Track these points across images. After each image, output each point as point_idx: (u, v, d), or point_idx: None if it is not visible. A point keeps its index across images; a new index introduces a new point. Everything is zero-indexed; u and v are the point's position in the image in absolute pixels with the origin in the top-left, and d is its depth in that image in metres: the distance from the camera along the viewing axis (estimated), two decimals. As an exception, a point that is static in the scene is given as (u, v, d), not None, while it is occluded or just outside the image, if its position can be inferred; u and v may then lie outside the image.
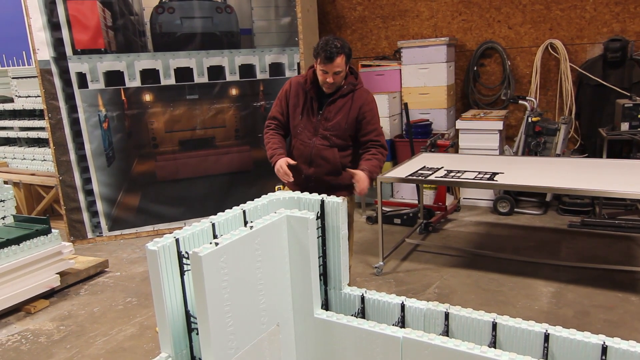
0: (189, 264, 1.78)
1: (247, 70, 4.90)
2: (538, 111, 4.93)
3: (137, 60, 4.63)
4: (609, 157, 4.53)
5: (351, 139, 2.84)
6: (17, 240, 3.37)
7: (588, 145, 5.14)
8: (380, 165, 2.79)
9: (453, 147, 4.93)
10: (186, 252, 1.80)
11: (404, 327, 1.98)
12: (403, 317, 2.09)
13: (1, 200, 3.66)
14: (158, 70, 4.69)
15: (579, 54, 5.12)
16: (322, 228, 2.17)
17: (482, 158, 4.09)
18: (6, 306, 3.29)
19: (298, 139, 2.83)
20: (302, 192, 2.27)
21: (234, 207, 2.08)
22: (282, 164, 2.67)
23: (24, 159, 5.85)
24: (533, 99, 4.96)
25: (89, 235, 4.74)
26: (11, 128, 5.95)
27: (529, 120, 4.80)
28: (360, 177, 2.63)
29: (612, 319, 2.88)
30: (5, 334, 3.13)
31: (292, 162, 2.71)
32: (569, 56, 5.10)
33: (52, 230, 3.60)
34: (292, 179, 2.70)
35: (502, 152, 5.03)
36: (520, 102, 4.91)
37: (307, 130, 2.80)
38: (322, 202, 2.15)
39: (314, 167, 2.79)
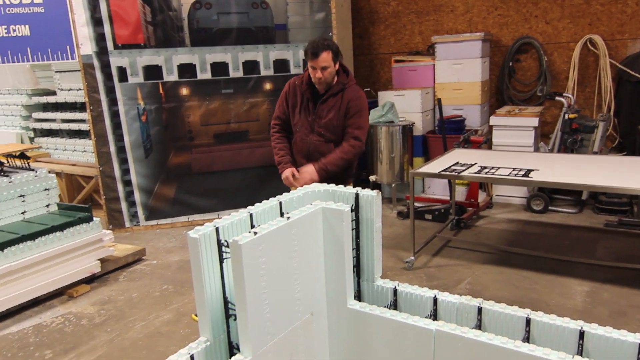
0: (228, 252, 1.85)
1: (281, 65, 4.96)
2: (575, 108, 4.83)
3: (175, 54, 4.74)
4: (649, 155, 4.41)
5: (344, 134, 3.05)
6: (60, 227, 3.52)
7: (627, 143, 5.01)
8: (344, 157, 2.95)
9: (486, 143, 4.88)
10: (225, 241, 1.86)
11: (436, 320, 2.00)
12: (435, 310, 2.11)
13: (46, 189, 3.81)
14: (195, 65, 4.80)
15: (619, 49, 4.98)
16: (356, 220, 2.20)
17: (516, 155, 4.05)
18: (51, 290, 3.44)
19: (297, 136, 3.11)
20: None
21: (271, 199, 2.14)
22: (288, 175, 2.98)
23: (65, 149, 6.07)
24: (570, 96, 4.87)
25: (127, 224, 4.90)
26: (53, 120, 6.18)
27: (566, 117, 4.71)
28: (303, 170, 2.90)
29: (649, 320, 2.83)
30: (50, 316, 3.28)
31: (297, 174, 2.97)
32: (609, 52, 4.97)
33: (94, 218, 3.74)
34: (295, 187, 2.88)
35: (536, 150, 4.96)
36: (556, 98, 4.82)
37: (304, 128, 3.05)
38: (357, 195, 2.18)
39: (311, 161, 3.02)
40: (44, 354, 2.82)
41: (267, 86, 4.99)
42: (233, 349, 1.96)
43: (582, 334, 1.78)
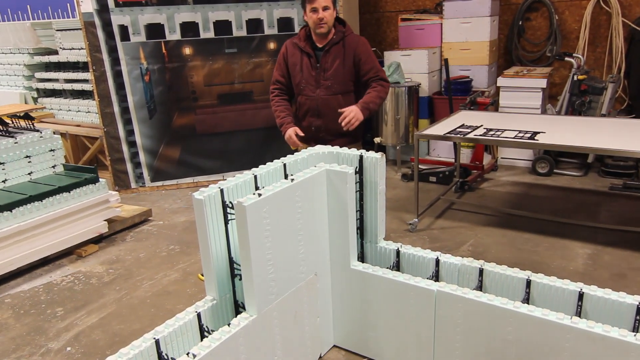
0: (233, 213, 1.87)
1: (285, 23, 4.86)
2: (585, 69, 4.74)
3: (177, 12, 4.65)
4: (658, 118, 4.36)
5: (352, 83, 3.00)
6: (67, 188, 3.55)
7: (636, 105, 4.93)
8: (381, 96, 2.93)
9: (493, 105, 4.82)
10: (230, 202, 1.88)
11: (438, 282, 2.03)
12: (437, 271, 2.14)
13: (51, 150, 3.83)
14: (197, 24, 4.71)
15: (632, 7, 4.84)
16: (360, 183, 2.21)
17: (522, 117, 4.00)
18: (60, 249, 3.51)
19: (302, 95, 3.02)
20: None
21: (275, 160, 2.14)
22: (291, 134, 2.91)
23: (69, 110, 6.04)
24: (580, 56, 4.77)
25: (133, 185, 4.94)
26: (56, 80, 6.13)
27: (575, 78, 4.62)
28: (349, 109, 2.80)
29: (649, 282, 2.86)
30: (60, 274, 3.35)
31: (300, 133, 2.92)
32: (622, 10, 4.83)
33: (100, 179, 3.77)
34: (299, 145, 2.91)
35: (544, 112, 4.90)
36: (566, 59, 4.73)
37: (309, 85, 2.97)
38: (361, 157, 2.18)
39: (322, 117, 2.98)
40: (55, 311, 2.90)
41: (271, 45, 4.90)
42: (239, 307, 2.01)
43: (581, 296, 1.81)
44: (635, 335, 1.53)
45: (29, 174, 3.73)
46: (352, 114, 2.79)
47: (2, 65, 6.58)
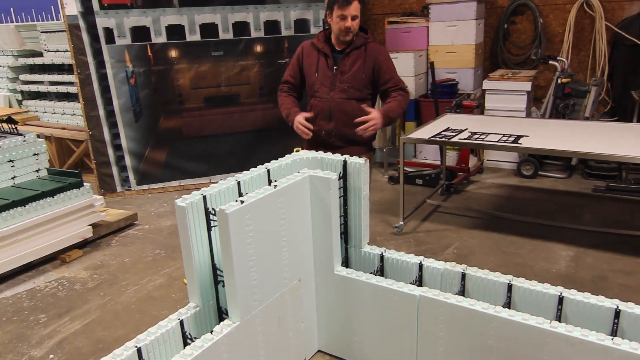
0: (216, 220, 1.86)
1: (272, 26, 4.86)
2: (569, 72, 4.80)
3: (163, 15, 4.63)
4: (639, 121, 4.42)
5: (368, 90, 2.93)
6: (51, 193, 3.52)
7: (619, 108, 5.00)
8: (402, 105, 2.89)
9: (479, 108, 4.86)
10: (213, 209, 1.87)
11: (421, 286, 2.04)
12: (421, 276, 2.16)
13: (35, 154, 3.79)
14: (183, 26, 4.69)
15: (615, 11, 4.91)
16: (344, 188, 2.22)
17: (507, 120, 4.04)
18: (43, 255, 3.47)
19: (316, 97, 2.93)
20: (324, 149, 2.37)
21: (259, 166, 2.14)
22: (300, 120, 2.82)
23: (54, 112, 5.99)
24: (564, 59, 4.82)
25: (118, 189, 4.90)
26: (41, 82, 6.07)
27: (559, 81, 4.68)
28: (373, 115, 2.74)
29: (630, 284, 2.90)
30: (43, 280, 3.32)
31: (308, 114, 2.83)
32: (605, 14, 4.90)
33: (84, 183, 3.74)
34: (311, 134, 2.83)
35: (529, 114, 4.95)
36: (550, 62, 4.78)
37: (324, 86, 2.89)
38: (345, 162, 2.19)
39: (334, 121, 2.89)
40: (38, 318, 2.87)
41: (258, 48, 4.90)
42: (222, 314, 2.01)
43: (561, 300, 1.84)
44: (612, 339, 1.56)
45: (12, 178, 3.69)
46: (372, 121, 2.73)
47: (-14, 68, 6.50)
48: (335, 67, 2.86)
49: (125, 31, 4.59)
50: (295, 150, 2.34)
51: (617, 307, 1.74)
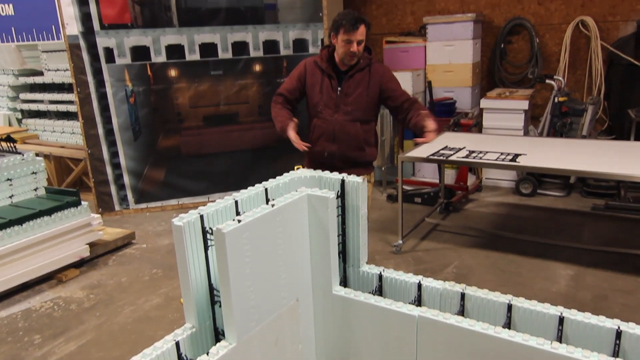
0: (212, 240, 1.85)
1: (271, 46, 4.90)
2: (565, 91, 4.83)
3: (163, 35, 4.67)
4: (637, 139, 4.44)
5: (373, 112, 2.91)
6: (48, 212, 3.50)
7: (616, 126, 5.03)
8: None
9: (476, 126, 4.88)
10: (210, 228, 1.86)
11: (420, 306, 2.02)
12: (420, 296, 2.13)
13: (33, 173, 3.78)
14: (183, 46, 4.73)
15: (610, 31, 4.97)
16: (342, 207, 2.21)
17: (505, 138, 4.05)
18: (39, 274, 3.44)
19: (319, 118, 2.88)
20: (326, 170, 2.34)
21: (257, 185, 2.13)
22: (293, 138, 2.77)
23: (54, 131, 6.01)
24: (561, 78, 4.86)
25: (116, 207, 4.89)
26: (41, 101, 6.10)
27: (556, 100, 4.71)
28: (430, 126, 2.71)
29: (631, 303, 2.88)
30: (39, 300, 3.29)
31: (295, 120, 2.80)
32: (601, 34, 4.96)
33: (82, 202, 3.73)
34: (305, 148, 2.79)
35: (526, 133, 4.97)
36: (547, 81, 4.82)
37: (328, 108, 2.85)
38: (343, 181, 2.18)
39: (337, 143, 2.85)
40: (33, 339, 2.83)
41: (257, 67, 4.94)
42: (219, 335, 1.98)
43: (561, 320, 1.81)
44: (614, 360, 1.53)
45: (10, 197, 3.68)
46: (433, 133, 2.72)
47: (-14, 87, 6.54)
48: (339, 89, 2.83)
49: (125, 51, 4.62)
50: (295, 168, 2.34)
51: (619, 327, 1.72)
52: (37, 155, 3.89)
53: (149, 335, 2.80)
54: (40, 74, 6.21)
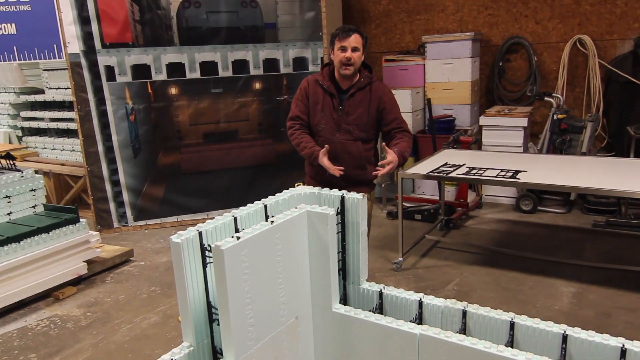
0: (211, 257, 1.83)
1: (271, 64, 4.94)
2: (564, 108, 4.85)
3: (164, 54, 4.71)
4: (636, 156, 4.44)
5: (373, 131, 2.89)
6: (46, 229, 3.48)
7: (615, 143, 5.04)
8: (410, 146, 2.83)
9: (476, 143, 4.89)
10: (209, 245, 1.84)
11: (421, 324, 2.00)
12: (421, 313, 2.11)
13: (32, 190, 3.77)
14: (184, 64, 4.76)
15: (608, 49, 5.01)
16: (342, 224, 2.19)
17: (505, 155, 4.06)
18: (36, 292, 3.41)
19: (320, 137, 2.87)
20: (330, 189, 2.32)
21: (256, 202, 2.12)
22: (324, 161, 2.72)
23: (54, 149, 6.02)
24: (559, 96, 4.88)
25: (115, 224, 4.86)
26: (42, 119, 6.12)
27: (555, 117, 4.72)
28: (393, 158, 2.65)
29: (635, 321, 2.85)
30: (35, 318, 3.25)
31: (326, 150, 2.74)
32: (598, 52, 5.00)
33: (80, 219, 3.71)
34: (340, 173, 2.74)
35: (526, 150, 4.97)
36: (546, 98, 4.84)
37: (329, 127, 2.84)
38: (342, 198, 2.17)
39: (339, 162, 2.82)
40: (28, 358, 2.79)
41: (257, 85, 4.96)
42: (217, 354, 1.95)
43: (565, 338, 1.79)
44: (619, 379, 1.51)
45: (9, 214, 3.66)
46: (391, 165, 2.65)
47: (-12, 105, 6.57)
48: (340, 108, 2.82)
49: (126, 69, 4.65)
50: (295, 185, 2.33)
51: (623, 345, 1.69)
52: (36, 172, 3.89)
53: (146, 354, 2.76)
54: (42, 92, 6.25)
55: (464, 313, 1.99)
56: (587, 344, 1.75)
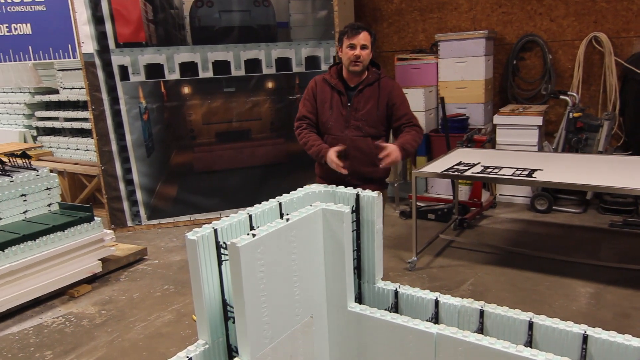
0: (226, 254, 1.83)
1: (283, 63, 4.93)
2: (580, 106, 4.79)
3: (177, 53, 4.72)
4: (654, 155, 4.37)
5: (383, 127, 2.88)
6: (61, 227, 3.51)
7: (632, 142, 4.96)
8: (416, 140, 2.80)
9: (490, 142, 4.85)
10: (224, 243, 1.84)
11: (437, 323, 1.97)
12: (437, 313, 2.08)
13: (47, 189, 3.81)
14: (197, 64, 4.78)
15: (624, 47, 4.93)
16: (357, 222, 2.18)
17: (520, 154, 4.01)
18: (52, 290, 3.44)
19: (330, 135, 2.86)
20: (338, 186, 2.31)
21: (270, 200, 2.11)
22: (333, 158, 2.70)
23: (68, 148, 6.07)
24: (575, 94, 4.82)
25: (129, 223, 4.89)
26: (56, 118, 6.18)
27: (570, 115, 4.66)
28: (391, 149, 2.64)
29: (654, 322, 2.80)
30: (51, 316, 3.27)
31: (339, 148, 2.73)
32: (614, 50, 4.92)
33: (95, 218, 3.73)
34: (346, 171, 2.73)
35: (541, 149, 4.92)
36: (561, 97, 4.78)
37: (338, 124, 2.84)
38: (357, 196, 2.16)
39: (349, 159, 2.82)
40: (44, 355, 2.81)
41: (269, 85, 4.96)
42: (232, 352, 1.94)
43: (585, 339, 1.76)
44: (643, 381, 1.48)
45: (24, 212, 3.70)
46: (392, 155, 2.63)
47: (3, 105, 6.65)
48: (349, 105, 2.81)
49: (140, 68, 4.68)
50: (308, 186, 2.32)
51: (645, 346, 1.66)
52: (51, 171, 3.92)
53: (161, 352, 2.77)
54: (56, 92, 6.30)
55: (481, 313, 1.97)
56: (608, 344, 1.72)
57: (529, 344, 1.87)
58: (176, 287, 3.58)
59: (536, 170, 3.37)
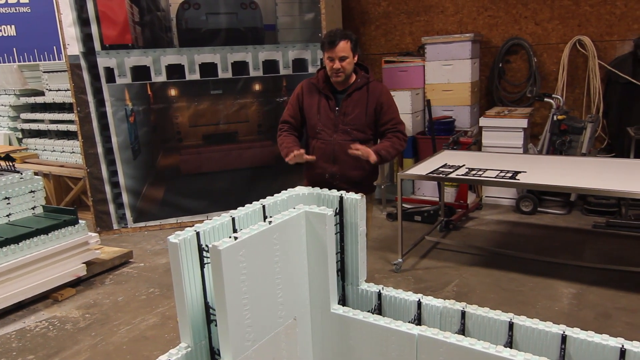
0: (209, 257, 1.82)
1: (270, 65, 4.94)
2: (564, 109, 4.84)
3: (163, 55, 4.71)
4: (636, 157, 4.43)
5: (371, 131, 2.87)
6: (45, 230, 3.48)
7: (615, 144, 5.03)
8: (396, 147, 2.79)
9: (476, 144, 4.88)
10: (206, 246, 1.84)
11: (420, 325, 1.99)
12: (419, 314, 2.10)
13: (32, 191, 3.77)
14: (183, 66, 4.76)
15: (608, 50, 5.00)
16: (341, 224, 2.19)
17: (504, 156, 4.05)
18: (35, 293, 3.40)
19: (318, 139, 2.84)
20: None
21: (254, 202, 2.11)
22: (295, 152, 2.71)
23: (54, 150, 6.01)
24: (559, 97, 4.88)
25: (115, 226, 4.86)
26: (42, 121, 6.12)
27: (555, 118, 4.72)
28: (364, 149, 2.66)
29: (635, 321, 2.83)
30: (34, 320, 3.24)
31: (309, 158, 2.74)
32: (598, 53, 4.99)
33: (79, 221, 3.70)
34: (302, 152, 2.72)
35: (526, 151, 4.97)
36: (546, 99, 4.83)
37: (326, 128, 2.82)
38: (341, 198, 2.16)
39: (338, 164, 2.81)
40: (26, 359, 2.78)
41: (256, 87, 4.96)
42: (215, 354, 1.94)
43: (564, 339, 1.78)
44: (619, 380, 1.50)
45: (8, 215, 3.66)
46: (364, 151, 2.65)
47: (-12, 107, 6.57)
48: (337, 109, 2.79)
49: (126, 70, 4.65)
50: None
51: (622, 346, 1.68)
52: (36, 174, 3.89)
53: (145, 355, 2.75)
54: (42, 94, 6.24)
55: (463, 314, 1.98)
56: (586, 344, 1.74)
57: (510, 344, 1.89)
58: (161, 290, 3.56)
59: (520, 172, 3.40)
